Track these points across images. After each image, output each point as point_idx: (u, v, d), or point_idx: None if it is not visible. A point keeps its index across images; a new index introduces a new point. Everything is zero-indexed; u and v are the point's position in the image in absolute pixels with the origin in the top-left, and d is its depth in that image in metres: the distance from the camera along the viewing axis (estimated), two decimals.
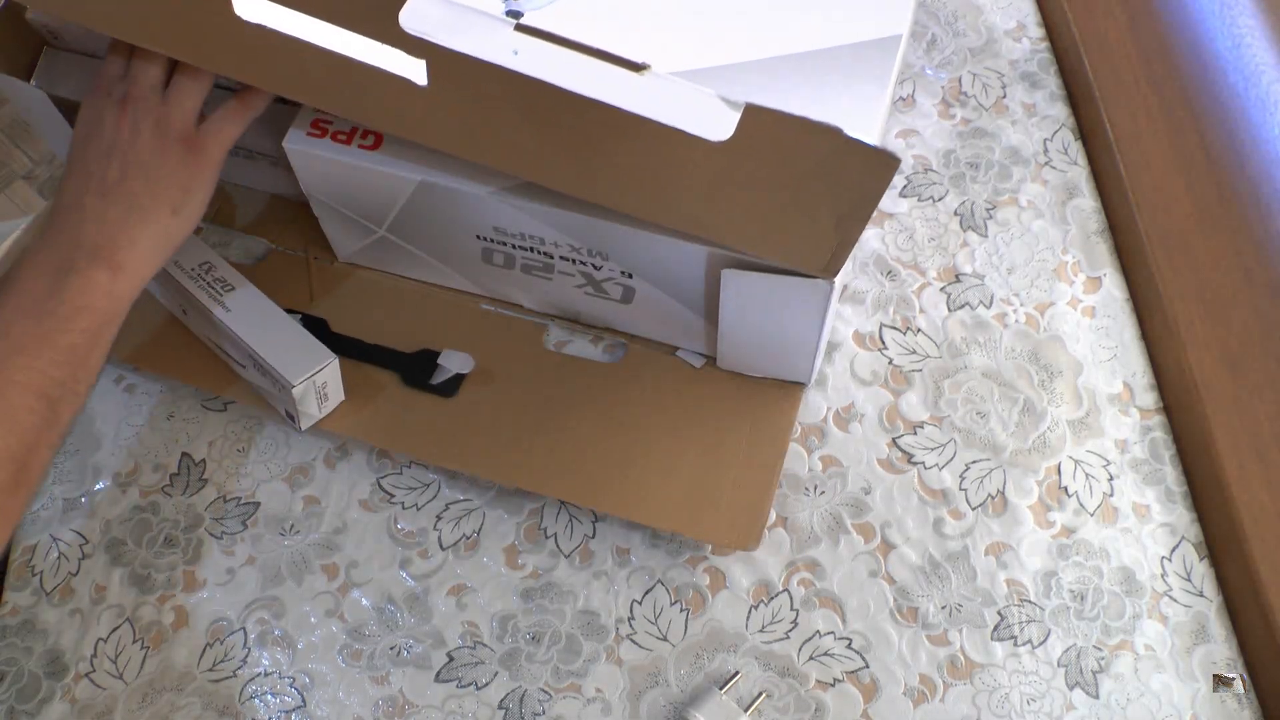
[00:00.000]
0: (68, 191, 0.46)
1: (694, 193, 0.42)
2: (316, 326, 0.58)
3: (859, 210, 0.41)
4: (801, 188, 0.40)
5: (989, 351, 0.60)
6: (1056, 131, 0.68)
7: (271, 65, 0.43)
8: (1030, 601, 0.53)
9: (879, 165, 0.39)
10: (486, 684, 0.52)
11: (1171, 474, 0.57)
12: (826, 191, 0.40)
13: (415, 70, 0.41)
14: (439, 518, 0.56)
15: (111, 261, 0.45)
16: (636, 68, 0.39)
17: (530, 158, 0.43)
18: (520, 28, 0.39)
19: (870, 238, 0.64)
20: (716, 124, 0.38)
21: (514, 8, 0.48)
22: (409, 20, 0.39)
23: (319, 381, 0.53)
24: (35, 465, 0.43)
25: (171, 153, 0.47)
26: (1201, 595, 0.54)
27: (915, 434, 0.58)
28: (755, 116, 0.38)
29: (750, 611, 0.54)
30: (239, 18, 0.41)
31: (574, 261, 0.53)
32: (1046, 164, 0.67)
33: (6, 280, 0.44)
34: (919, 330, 0.61)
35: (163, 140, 0.46)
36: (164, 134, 0.47)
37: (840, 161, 0.39)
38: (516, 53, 0.39)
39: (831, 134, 0.37)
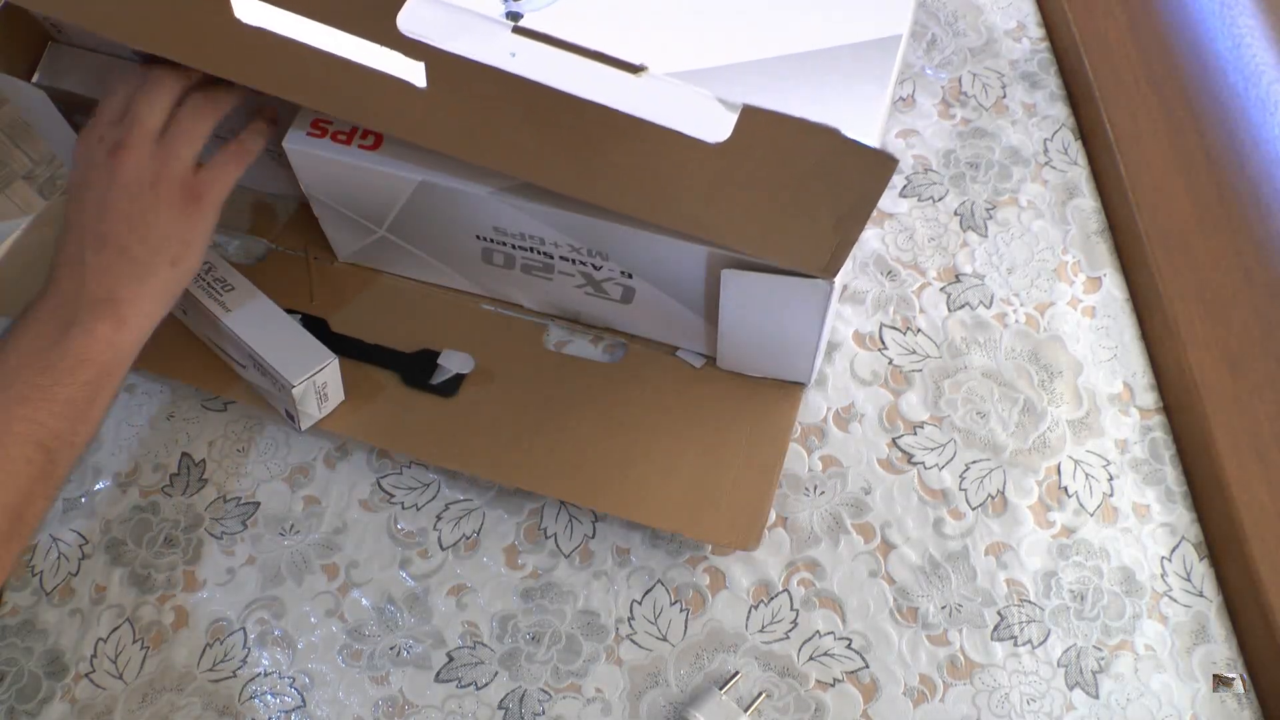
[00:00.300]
0: (67, 246, 0.46)
1: (693, 193, 0.42)
2: (316, 326, 0.58)
3: (858, 210, 0.41)
4: (800, 188, 0.40)
5: (989, 351, 0.60)
6: (1056, 131, 0.68)
7: (271, 67, 0.43)
8: (1030, 601, 0.53)
9: (877, 166, 0.39)
10: (486, 684, 0.52)
11: (1171, 474, 0.57)
12: (825, 192, 0.40)
13: (414, 72, 0.41)
14: (439, 518, 0.56)
15: (115, 316, 0.45)
16: (634, 69, 0.39)
17: (530, 159, 0.43)
18: (518, 30, 0.39)
19: (870, 238, 0.64)
20: (714, 126, 0.38)
21: (514, 9, 0.48)
22: (406, 23, 0.39)
23: (319, 381, 0.53)
24: (30, 516, 0.43)
25: (169, 206, 0.46)
26: (1201, 595, 0.54)
27: (915, 434, 0.58)
28: (753, 118, 0.38)
29: (750, 611, 0.54)
30: (238, 20, 0.41)
31: (574, 261, 0.53)
32: (1046, 164, 0.67)
33: (12, 332, 0.45)
34: (919, 330, 0.61)
35: (159, 194, 0.46)
36: (160, 187, 0.46)
37: (838, 162, 0.39)
38: (514, 55, 0.39)
39: (829, 135, 0.37)
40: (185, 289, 0.54)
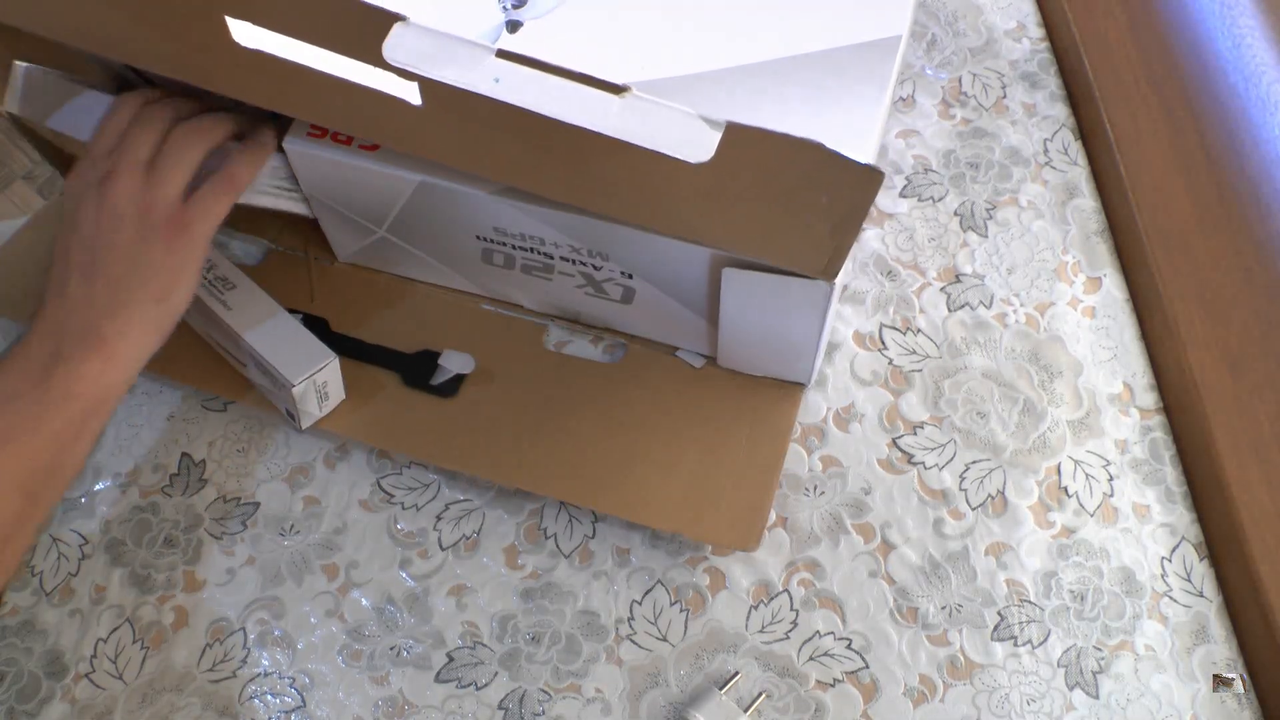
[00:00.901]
0: (54, 279, 0.45)
1: (688, 202, 0.42)
2: (317, 326, 0.58)
3: (851, 218, 0.41)
4: (793, 198, 0.40)
5: (989, 352, 0.60)
6: (1056, 131, 0.68)
7: (271, 86, 0.43)
8: (1030, 602, 0.53)
9: (864, 177, 0.39)
10: (486, 684, 0.52)
11: (1171, 474, 0.57)
12: (818, 200, 0.40)
13: (409, 91, 0.41)
14: (439, 518, 0.56)
15: (102, 351, 0.44)
16: (617, 90, 0.39)
17: (525, 170, 0.43)
18: (502, 54, 0.39)
19: (870, 238, 0.64)
20: (698, 145, 0.38)
21: (514, 18, 0.48)
22: (391, 52, 0.39)
23: (319, 380, 0.53)
24: (8, 556, 0.43)
25: (155, 240, 0.45)
26: (1201, 595, 0.54)
27: (915, 434, 0.58)
28: (737, 134, 0.38)
29: (750, 612, 0.54)
30: (236, 43, 0.41)
31: (574, 262, 0.53)
32: (1046, 164, 0.67)
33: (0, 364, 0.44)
34: (919, 330, 0.61)
35: (145, 226, 0.45)
36: (146, 218, 0.45)
37: (827, 173, 0.39)
38: (498, 80, 0.39)
39: (814, 149, 0.37)
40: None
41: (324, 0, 0.38)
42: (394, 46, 0.39)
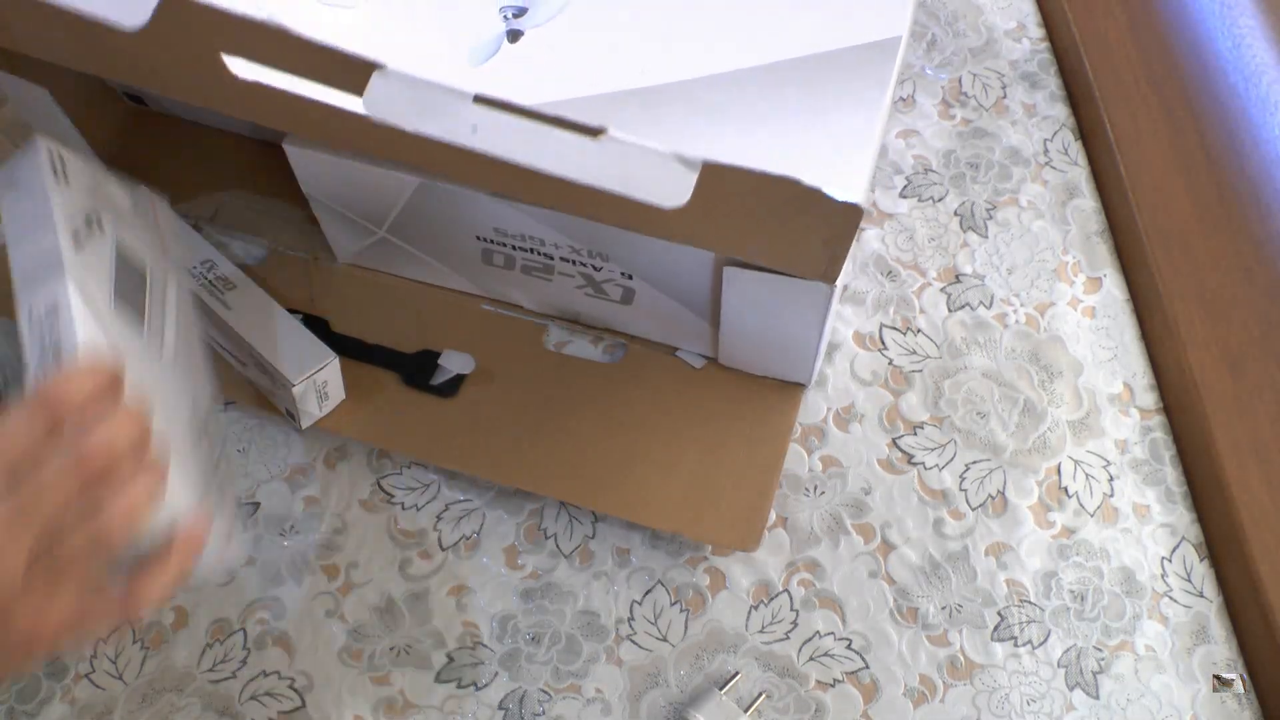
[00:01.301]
0: None
1: (679, 217, 0.42)
2: (317, 326, 0.58)
3: (841, 236, 0.41)
4: (782, 219, 0.41)
5: (989, 352, 0.60)
6: (1056, 132, 0.68)
7: (267, 108, 0.44)
8: (1030, 602, 0.53)
9: (845, 211, 0.39)
10: (486, 684, 0.52)
11: (1171, 474, 0.57)
12: (807, 220, 0.40)
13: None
14: (439, 518, 0.56)
15: None
16: (594, 133, 0.39)
17: (518, 182, 0.44)
18: (479, 99, 0.39)
19: (870, 238, 0.64)
20: (673, 189, 0.39)
21: (515, 27, 0.48)
22: (371, 106, 0.39)
23: (319, 380, 0.53)
24: None
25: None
26: (1201, 595, 0.54)
27: (915, 434, 0.58)
28: (714, 174, 0.38)
29: (750, 612, 0.54)
30: (234, 75, 0.42)
31: (574, 263, 0.53)
32: (1046, 164, 0.67)
33: None
34: (919, 330, 0.61)
35: None
36: (3, 627, 0.33)
37: (809, 201, 0.39)
38: (475, 129, 0.39)
39: (790, 185, 0.38)
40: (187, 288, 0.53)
41: (308, 49, 0.39)
42: (373, 101, 0.39)
